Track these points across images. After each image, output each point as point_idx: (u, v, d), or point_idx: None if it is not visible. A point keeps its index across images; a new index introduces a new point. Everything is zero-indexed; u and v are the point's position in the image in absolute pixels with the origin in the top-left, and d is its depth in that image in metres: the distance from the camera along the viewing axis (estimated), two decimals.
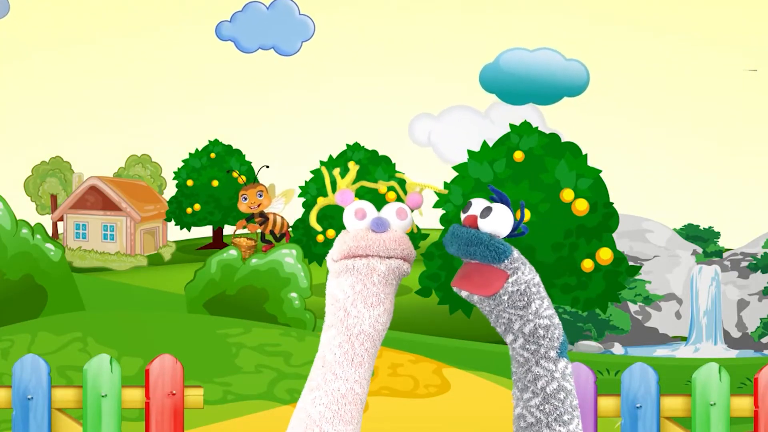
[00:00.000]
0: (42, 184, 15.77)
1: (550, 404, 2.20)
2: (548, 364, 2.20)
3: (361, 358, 2.23)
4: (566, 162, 9.77)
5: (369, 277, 2.23)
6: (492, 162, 9.98)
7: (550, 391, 2.20)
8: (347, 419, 2.22)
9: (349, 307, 2.23)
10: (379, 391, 6.89)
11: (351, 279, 2.24)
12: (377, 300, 2.24)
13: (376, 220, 2.24)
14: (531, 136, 9.97)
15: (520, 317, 2.18)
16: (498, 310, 2.18)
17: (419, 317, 10.71)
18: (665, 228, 13.64)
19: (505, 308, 2.17)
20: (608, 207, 9.76)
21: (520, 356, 2.21)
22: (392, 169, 12.87)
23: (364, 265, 2.23)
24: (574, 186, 9.61)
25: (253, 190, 12.54)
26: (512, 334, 2.21)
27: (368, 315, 2.23)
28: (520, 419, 2.24)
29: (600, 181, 9.79)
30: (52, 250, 8.99)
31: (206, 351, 7.27)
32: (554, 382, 2.20)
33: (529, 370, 2.21)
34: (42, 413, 3.48)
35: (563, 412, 2.21)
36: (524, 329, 2.19)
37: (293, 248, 9.08)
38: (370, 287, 2.23)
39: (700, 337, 12.57)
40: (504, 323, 2.20)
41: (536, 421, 2.21)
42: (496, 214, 2.16)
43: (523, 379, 2.22)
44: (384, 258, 2.24)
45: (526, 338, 2.20)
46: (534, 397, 2.21)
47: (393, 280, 2.25)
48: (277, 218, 12.60)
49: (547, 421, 2.20)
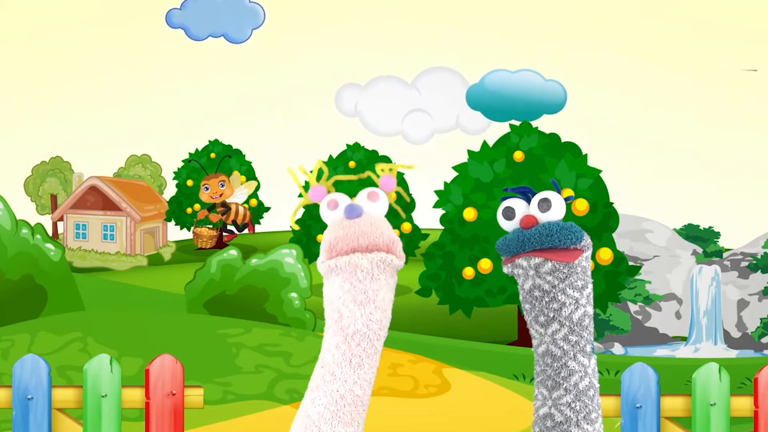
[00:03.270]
0: (42, 184, 15.77)
1: (581, 402, 2.20)
2: (584, 359, 2.21)
3: (359, 359, 2.22)
4: (566, 162, 9.77)
5: (353, 274, 2.21)
6: (492, 162, 9.98)
7: (583, 388, 2.20)
8: (347, 421, 2.21)
9: (342, 308, 2.22)
10: (379, 391, 6.89)
11: (339, 279, 2.23)
12: (365, 297, 2.21)
13: (348, 207, 2.24)
14: (531, 136, 9.98)
15: (575, 300, 2.20)
16: (560, 288, 2.20)
17: (419, 317, 10.71)
18: (665, 228, 13.64)
19: (569, 285, 2.19)
20: (608, 207, 9.76)
21: (558, 349, 2.21)
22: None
23: (346, 262, 2.21)
24: (574, 186, 9.61)
25: (215, 180, 12.54)
26: (558, 322, 2.21)
27: (360, 314, 2.22)
28: (547, 419, 2.22)
29: (600, 181, 9.80)
30: (52, 250, 8.98)
31: (206, 351, 7.26)
32: (586, 379, 2.21)
33: (564, 365, 2.20)
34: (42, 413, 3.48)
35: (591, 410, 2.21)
36: (574, 315, 2.20)
37: (293, 248, 9.07)
38: (357, 285, 2.21)
39: (700, 337, 12.57)
40: (555, 309, 2.20)
41: (565, 419, 2.20)
42: (555, 203, 2.25)
43: (556, 376, 2.21)
44: (365, 252, 2.21)
45: (572, 327, 2.20)
46: (566, 394, 2.20)
47: (379, 275, 2.22)
48: (239, 208, 12.60)
49: (577, 420, 2.20)
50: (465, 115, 13.57)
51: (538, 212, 2.24)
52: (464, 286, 9.95)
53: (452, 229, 10.04)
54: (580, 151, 9.89)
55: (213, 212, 12.54)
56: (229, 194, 12.49)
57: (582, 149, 9.93)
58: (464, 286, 9.94)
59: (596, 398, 2.23)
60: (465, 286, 9.94)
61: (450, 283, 10.03)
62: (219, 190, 12.42)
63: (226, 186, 12.47)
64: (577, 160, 9.80)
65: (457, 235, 9.99)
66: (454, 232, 10.03)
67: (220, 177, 12.52)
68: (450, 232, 10.07)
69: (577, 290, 2.20)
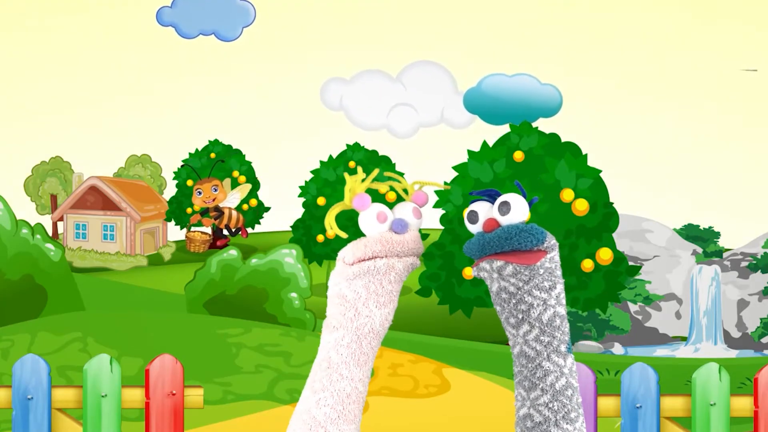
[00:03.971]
0: (42, 184, 15.77)
1: (559, 402, 2.20)
2: (558, 359, 2.21)
3: (366, 357, 2.26)
4: (566, 162, 9.77)
5: (387, 276, 2.25)
6: (492, 162, 9.99)
7: (559, 388, 2.21)
8: (350, 418, 2.24)
9: (361, 307, 2.24)
10: (379, 391, 6.89)
11: (366, 279, 2.25)
12: (389, 298, 2.26)
13: (399, 222, 2.27)
14: (531, 136, 9.98)
15: (543, 302, 2.20)
16: (525, 290, 2.20)
17: (419, 317, 10.71)
18: (665, 228, 13.64)
19: (534, 286, 2.20)
20: (608, 207, 9.76)
21: (531, 350, 2.21)
22: (392, 169, 12.87)
23: (384, 264, 2.24)
24: (574, 186, 9.61)
25: (208, 185, 12.53)
26: (528, 323, 2.21)
27: (379, 314, 2.25)
28: (527, 419, 2.23)
29: (600, 181, 9.79)
30: (52, 250, 8.98)
31: (206, 351, 7.26)
32: (563, 379, 2.21)
33: (539, 366, 2.21)
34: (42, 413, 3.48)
35: (570, 409, 2.21)
36: (543, 317, 2.20)
37: (293, 248, 9.07)
38: (386, 286, 2.26)
39: (700, 337, 12.57)
40: (523, 311, 2.21)
41: (544, 420, 2.21)
42: (514, 205, 2.23)
43: (531, 377, 2.22)
44: (402, 257, 2.27)
45: (543, 328, 2.21)
46: (543, 394, 2.21)
47: (405, 277, 2.30)
48: (233, 213, 12.59)
49: (555, 419, 2.20)
50: (450, 109, 13.68)
51: (498, 215, 2.24)
52: (464, 286, 9.95)
53: (452, 229, 10.04)
54: (580, 151, 9.89)
55: (206, 217, 12.54)
56: (222, 199, 12.49)
57: (582, 149, 9.93)
58: (464, 286, 9.94)
59: (575, 397, 2.23)
60: (465, 286, 9.94)
61: (450, 283, 10.03)
62: (212, 194, 12.42)
63: (219, 190, 12.47)
64: (577, 160, 9.80)
65: (457, 235, 9.99)
66: (454, 232, 10.03)
67: (213, 181, 12.52)
68: (450, 232, 10.07)
69: (544, 291, 2.20)
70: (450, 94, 13.70)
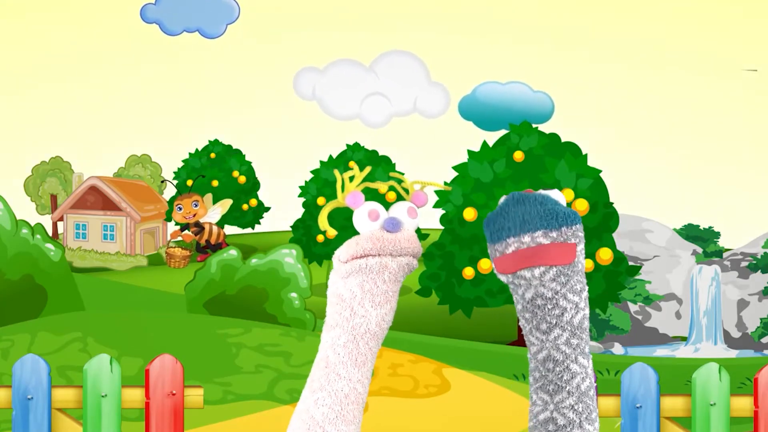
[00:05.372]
0: (42, 184, 15.77)
1: (583, 403, 2.17)
2: (584, 360, 2.18)
3: (364, 358, 2.24)
4: (566, 162, 9.77)
5: (380, 275, 2.23)
6: (492, 162, 9.99)
7: (584, 389, 2.17)
8: (349, 419, 2.23)
9: (356, 307, 2.23)
10: (379, 391, 6.89)
11: (360, 278, 2.24)
12: (385, 298, 2.24)
13: (391, 221, 2.24)
14: (531, 136, 9.98)
15: (575, 305, 2.15)
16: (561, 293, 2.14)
17: (419, 317, 10.70)
18: (665, 228, 13.64)
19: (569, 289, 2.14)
20: (608, 207, 9.76)
21: (560, 353, 2.16)
22: (392, 169, 12.87)
23: (376, 263, 2.22)
24: (574, 186, 9.61)
25: (188, 200, 12.52)
26: (560, 327, 2.16)
27: (375, 314, 2.24)
28: (549, 423, 2.18)
29: (600, 181, 9.79)
30: (52, 250, 8.98)
31: (206, 351, 7.26)
32: (588, 380, 2.18)
33: (567, 369, 2.16)
34: (42, 413, 3.48)
35: (592, 409, 2.19)
36: (575, 319, 2.16)
37: (293, 248, 9.07)
38: (381, 285, 2.24)
39: (700, 337, 12.57)
40: (557, 315, 2.15)
41: (568, 422, 2.17)
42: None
43: (558, 380, 2.17)
44: (395, 256, 2.24)
45: (573, 331, 2.16)
46: (569, 397, 2.17)
47: (401, 277, 2.26)
48: (213, 228, 12.60)
49: (579, 421, 2.17)
50: (423, 99, 13.76)
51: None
52: (464, 286, 9.95)
53: (452, 229, 10.04)
54: (580, 151, 9.89)
55: (186, 232, 12.55)
56: (202, 214, 12.49)
57: (582, 149, 9.93)
58: (464, 286, 9.95)
59: (596, 397, 2.23)
60: (465, 286, 9.94)
61: (450, 283, 10.04)
62: (192, 210, 12.41)
63: (200, 206, 12.46)
64: (577, 160, 9.80)
65: (457, 235, 9.99)
66: (454, 232, 10.03)
67: (194, 197, 12.51)
68: (450, 232, 10.08)
69: (576, 294, 2.16)
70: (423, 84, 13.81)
